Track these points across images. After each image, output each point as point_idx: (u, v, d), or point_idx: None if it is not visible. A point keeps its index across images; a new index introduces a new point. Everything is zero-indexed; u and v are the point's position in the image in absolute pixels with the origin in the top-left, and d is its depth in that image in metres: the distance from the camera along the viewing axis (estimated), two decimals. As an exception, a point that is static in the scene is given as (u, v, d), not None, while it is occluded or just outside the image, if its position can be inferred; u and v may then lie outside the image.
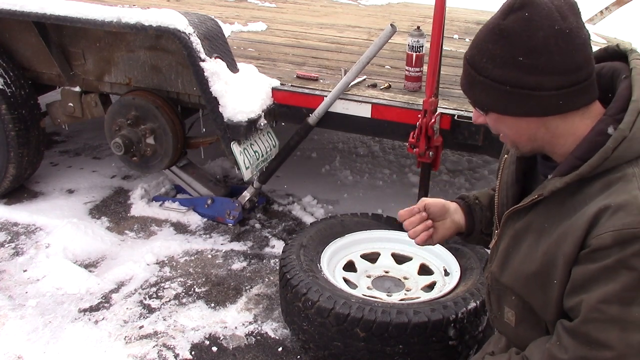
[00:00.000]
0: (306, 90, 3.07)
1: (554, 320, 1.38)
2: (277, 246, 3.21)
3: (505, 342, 1.66)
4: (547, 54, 1.24)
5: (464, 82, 1.39)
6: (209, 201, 3.41)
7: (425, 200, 1.68)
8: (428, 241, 1.67)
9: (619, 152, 1.26)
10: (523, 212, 1.45)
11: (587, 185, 1.31)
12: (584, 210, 1.28)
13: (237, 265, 3.04)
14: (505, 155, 1.59)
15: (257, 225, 3.42)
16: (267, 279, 2.93)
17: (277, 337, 2.54)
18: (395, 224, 2.84)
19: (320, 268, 2.44)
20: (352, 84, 3.01)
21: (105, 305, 2.71)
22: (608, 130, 1.28)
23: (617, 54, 1.42)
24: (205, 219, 3.44)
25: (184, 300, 2.75)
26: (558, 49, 1.24)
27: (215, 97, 2.91)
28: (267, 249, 3.21)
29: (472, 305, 2.18)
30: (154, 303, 2.73)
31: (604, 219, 1.24)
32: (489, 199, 1.74)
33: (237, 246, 3.22)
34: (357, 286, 2.48)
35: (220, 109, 2.92)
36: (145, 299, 2.76)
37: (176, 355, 2.42)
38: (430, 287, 2.50)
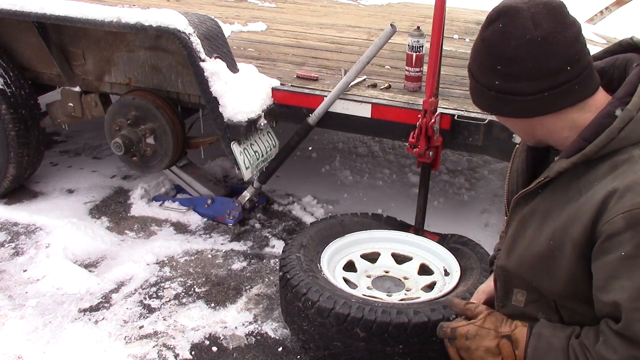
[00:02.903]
0: (306, 90, 3.07)
1: (564, 301, 1.40)
2: (277, 246, 3.21)
3: None
4: (520, 62, 1.30)
5: (469, 86, 1.49)
6: (209, 201, 3.41)
7: (486, 292, 1.76)
8: None
9: (625, 133, 1.28)
10: (530, 197, 1.48)
11: (593, 168, 1.33)
12: (591, 194, 1.29)
13: (237, 265, 3.04)
14: (518, 145, 1.65)
15: (257, 225, 3.42)
16: (267, 279, 2.93)
17: (277, 337, 2.54)
18: (395, 224, 2.84)
19: (320, 268, 2.44)
20: (352, 84, 3.01)
21: (105, 305, 2.71)
22: (616, 112, 1.30)
23: (630, 47, 1.47)
24: (205, 219, 3.44)
25: (184, 300, 2.75)
26: (530, 57, 1.29)
27: (215, 97, 2.91)
28: (267, 249, 3.21)
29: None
30: (154, 303, 2.73)
31: (612, 202, 1.24)
32: None
33: (237, 246, 3.22)
34: (357, 286, 2.47)
35: (220, 109, 2.92)
36: (145, 299, 2.76)
37: (176, 355, 2.42)
38: (430, 287, 2.50)
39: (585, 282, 1.35)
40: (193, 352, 2.44)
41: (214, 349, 2.46)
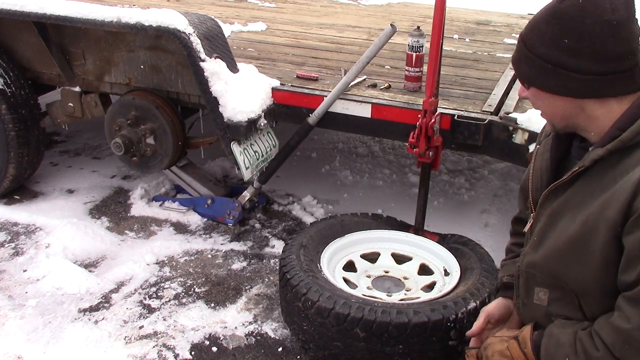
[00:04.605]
0: (306, 90, 3.07)
1: (594, 295, 1.41)
2: (277, 246, 3.21)
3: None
4: (591, 40, 1.33)
5: (515, 56, 1.50)
6: (209, 201, 3.41)
7: (486, 311, 1.79)
8: None
9: None
10: (562, 190, 1.49)
11: (627, 156, 1.35)
12: (628, 177, 1.32)
13: (237, 265, 3.04)
14: (538, 146, 1.66)
15: (257, 225, 3.42)
16: (267, 279, 2.93)
17: (277, 337, 2.54)
18: (395, 224, 2.84)
19: (320, 268, 2.44)
20: (352, 84, 3.01)
21: (105, 305, 2.71)
22: None
23: None
24: (205, 219, 3.44)
25: (184, 300, 2.75)
26: (602, 37, 1.32)
27: (215, 97, 2.91)
28: (267, 249, 3.21)
29: (472, 305, 2.18)
30: (154, 303, 2.73)
31: None
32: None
33: (237, 246, 3.22)
34: (357, 286, 2.47)
35: (220, 109, 2.92)
36: (145, 299, 2.76)
37: (176, 355, 2.42)
38: (430, 287, 2.50)
39: (616, 266, 1.36)
40: (193, 352, 2.44)
41: (214, 349, 2.46)
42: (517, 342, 1.55)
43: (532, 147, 2.42)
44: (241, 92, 2.97)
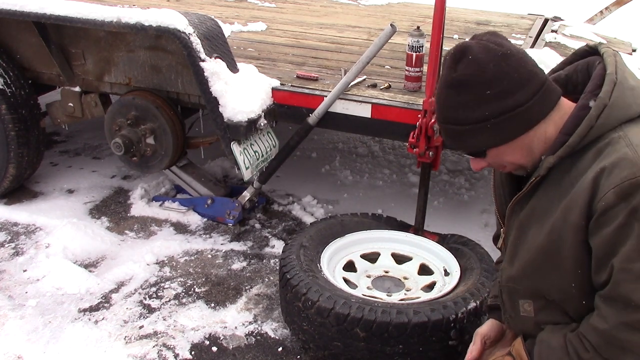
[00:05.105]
0: (306, 90, 3.07)
1: (576, 299, 1.41)
2: (277, 246, 3.21)
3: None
4: (506, 76, 1.36)
5: (450, 141, 1.50)
6: (209, 201, 3.41)
7: (481, 333, 1.78)
8: None
9: (602, 120, 1.34)
10: (525, 201, 1.50)
11: (579, 159, 1.37)
12: (582, 180, 1.34)
13: (237, 265, 3.04)
14: None
15: (257, 225, 3.42)
16: (267, 279, 2.93)
17: (277, 337, 2.54)
18: (395, 224, 2.84)
19: (320, 268, 2.44)
20: (352, 84, 3.01)
21: (105, 305, 2.71)
22: (590, 104, 1.37)
23: (587, 53, 1.54)
24: (205, 219, 3.44)
25: (184, 300, 2.75)
26: (511, 68, 1.37)
27: (215, 97, 2.91)
28: (267, 249, 3.21)
29: (472, 305, 2.18)
30: (154, 303, 2.73)
31: (602, 180, 1.29)
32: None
33: (237, 246, 3.22)
34: (357, 286, 2.47)
35: (220, 109, 2.92)
36: (145, 299, 2.76)
37: (176, 355, 2.42)
38: (430, 287, 2.50)
39: (590, 268, 1.38)
40: (193, 352, 2.44)
41: (214, 349, 2.46)
42: (512, 357, 1.56)
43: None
44: (241, 92, 2.97)
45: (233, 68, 3.06)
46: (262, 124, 3.01)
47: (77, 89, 3.48)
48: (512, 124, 1.39)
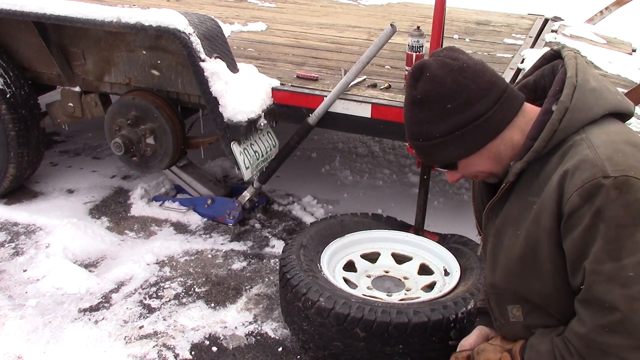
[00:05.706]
0: (306, 90, 3.07)
1: (559, 302, 1.42)
2: (277, 246, 3.21)
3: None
4: (465, 88, 1.40)
5: (421, 156, 1.55)
6: (209, 201, 3.41)
7: (467, 344, 1.76)
8: None
9: (565, 123, 1.37)
10: (499, 207, 1.53)
11: (546, 163, 1.40)
12: (549, 184, 1.36)
13: (237, 265, 3.04)
14: None
15: (257, 225, 3.42)
16: (267, 279, 2.93)
17: (277, 337, 2.54)
18: (395, 224, 2.84)
19: (320, 268, 2.44)
20: (352, 84, 3.01)
21: (105, 305, 2.71)
22: (552, 108, 1.39)
23: (553, 57, 1.57)
24: (205, 219, 3.44)
25: (184, 300, 2.75)
26: (469, 80, 1.40)
27: (215, 97, 2.91)
28: (267, 249, 3.21)
29: (472, 305, 2.17)
30: (154, 303, 2.73)
31: (566, 183, 1.31)
32: None
33: (237, 246, 3.22)
34: (357, 286, 2.48)
35: (220, 109, 2.92)
36: (145, 299, 2.76)
37: (176, 355, 2.42)
38: (430, 287, 2.50)
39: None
40: (193, 352, 2.44)
41: (214, 349, 2.46)
42: (510, 355, 1.57)
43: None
44: (241, 92, 2.97)
45: (233, 68, 3.06)
46: (262, 124, 3.02)
47: (77, 89, 3.48)
48: (477, 134, 1.42)
